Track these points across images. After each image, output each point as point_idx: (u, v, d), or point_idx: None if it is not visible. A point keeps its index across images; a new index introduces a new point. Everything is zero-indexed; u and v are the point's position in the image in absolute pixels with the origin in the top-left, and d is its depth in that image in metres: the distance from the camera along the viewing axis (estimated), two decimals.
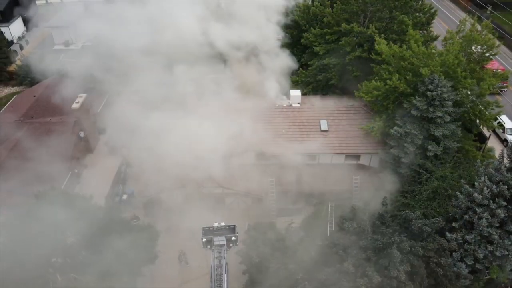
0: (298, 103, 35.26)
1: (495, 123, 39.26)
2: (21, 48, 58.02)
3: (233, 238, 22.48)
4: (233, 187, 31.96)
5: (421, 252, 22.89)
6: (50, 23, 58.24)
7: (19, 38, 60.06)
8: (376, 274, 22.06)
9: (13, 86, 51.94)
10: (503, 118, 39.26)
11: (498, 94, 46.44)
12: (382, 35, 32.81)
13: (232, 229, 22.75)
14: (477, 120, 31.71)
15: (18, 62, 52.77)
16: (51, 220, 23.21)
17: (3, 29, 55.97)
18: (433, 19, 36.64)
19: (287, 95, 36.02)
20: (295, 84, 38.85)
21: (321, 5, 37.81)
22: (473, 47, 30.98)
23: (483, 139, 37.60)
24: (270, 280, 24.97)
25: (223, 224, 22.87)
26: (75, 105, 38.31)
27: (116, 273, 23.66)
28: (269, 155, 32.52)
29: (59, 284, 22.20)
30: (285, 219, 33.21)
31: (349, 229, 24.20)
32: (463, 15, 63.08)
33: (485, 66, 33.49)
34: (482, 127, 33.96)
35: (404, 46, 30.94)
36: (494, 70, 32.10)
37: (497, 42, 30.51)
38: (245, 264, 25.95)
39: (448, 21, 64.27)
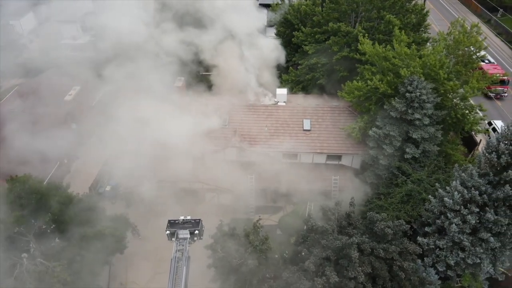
0: (284, 102, 35.19)
1: (490, 128, 38.35)
2: (31, 41, 59.84)
3: (196, 231, 22.66)
4: (212, 182, 32.16)
5: (382, 254, 22.58)
6: (60, 17, 60.02)
7: (30, 32, 61.92)
8: (334, 274, 21.91)
9: (19, 77, 53.56)
10: (498, 124, 38.12)
11: (498, 98, 45.24)
12: (367, 35, 32.35)
13: (197, 223, 22.93)
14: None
15: (26, 55, 54.39)
16: (21, 205, 24.05)
17: (14, 23, 57.95)
18: (424, 20, 35.90)
19: (274, 93, 36.00)
20: (285, 83, 38.80)
21: (312, 4, 37.59)
22: (461, 49, 30.26)
23: (474, 144, 36.71)
24: (234, 275, 25.13)
25: (189, 217, 23.10)
26: (68, 97, 39.55)
27: (82, 260, 24.25)
28: (249, 152, 32.57)
29: (25, 268, 22.85)
30: (263, 216, 33.33)
31: (312, 227, 24.09)
32: (473, 18, 61.67)
33: (482, 69, 32.67)
34: (472, 132, 33.13)
35: (388, 46, 30.50)
36: (483, 74, 31.22)
37: (485, 44, 29.66)
38: (212, 258, 26.12)
39: (447, 15, 62.96)
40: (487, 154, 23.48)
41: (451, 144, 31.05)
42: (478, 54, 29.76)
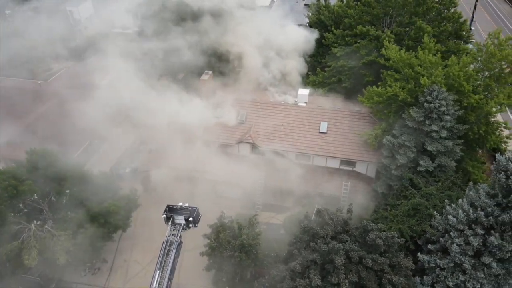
0: (305, 102, 34.96)
1: None
2: (86, 28, 63.87)
3: (190, 219, 23.26)
4: (223, 175, 32.66)
5: (370, 264, 21.92)
6: (113, 7, 63.53)
7: (86, 19, 66.07)
8: (317, 277, 21.64)
9: (71, 61, 57.39)
10: None
11: None
12: (394, 40, 31.31)
13: (193, 210, 23.54)
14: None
15: (78, 41, 58.16)
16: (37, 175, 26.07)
17: (72, 9, 62.19)
18: (461, 29, 33.96)
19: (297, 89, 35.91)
20: (312, 84, 38.45)
21: (346, 6, 36.96)
22: (493, 62, 28.40)
23: None
24: (226, 266, 25.55)
25: (187, 204, 23.79)
26: (104, 82, 41.83)
27: (86, 233, 25.81)
28: (262, 150, 32.77)
29: (32, 233, 24.73)
30: (270, 214, 33.47)
31: (304, 229, 23.92)
32: None
33: None
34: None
35: (413, 53, 29.37)
36: None
37: None
38: (209, 246, 26.67)
39: (503, 26, 58.89)
40: (496, 174, 22.00)
41: (473, 161, 29.25)
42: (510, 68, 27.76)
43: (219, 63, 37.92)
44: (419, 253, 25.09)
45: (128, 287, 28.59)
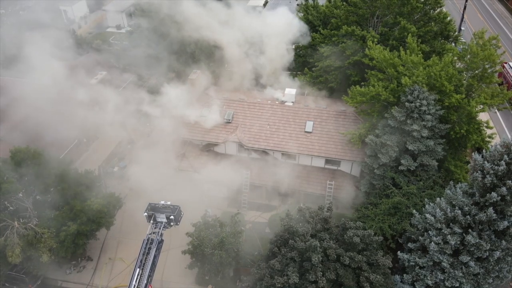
0: (292, 102, 35.14)
1: None
2: (79, 27, 64.12)
3: (172, 217, 23.43)
4: (210, 174, 32.82)
5: (347, 262, 22.11)
6: (107, 6, 63.93)
7: (81, 18, 66.31)
8: (295, 275, 21.83)
9: (64, 60, 57.57)
10: None
11: None
12: (377, 40, 31.47)
13: (175, 209, 23.72)
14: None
15: (72, 39, 58.34)
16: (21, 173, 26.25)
17: (66, 9, 62.46)
18: (446, 29, 34.10)
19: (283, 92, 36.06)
20: (301, 83, 38.59)
21: (333, 6, 37.10)
22: (475, 62, 28.53)
23: None
24: (208, 264, 25.72)
25: (169, 203, 23.95)
26: (93, 81, 42.08)
27: (68, 230, 26.00)
28: (248, 148, 32.94)
29: (15, 230, 24.91)
30: (256, 213, 33.65)
31: (285, 227, 24.12)
32: None
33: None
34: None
35: (396, 53, 29.53)
36: (501, 90, 29.19)
37: (499, 58, 27.74)
38: (191, 245, 26.87)
39: (496, 27, 58.92)
40: (473, 173, 22.17)
41: (456, 160, 29.39)
42: (492, 68, 27.87)
43: (206, 60, 38.09)
44: (399, 252, 25.33)
45: (111, 285, 28.76)
